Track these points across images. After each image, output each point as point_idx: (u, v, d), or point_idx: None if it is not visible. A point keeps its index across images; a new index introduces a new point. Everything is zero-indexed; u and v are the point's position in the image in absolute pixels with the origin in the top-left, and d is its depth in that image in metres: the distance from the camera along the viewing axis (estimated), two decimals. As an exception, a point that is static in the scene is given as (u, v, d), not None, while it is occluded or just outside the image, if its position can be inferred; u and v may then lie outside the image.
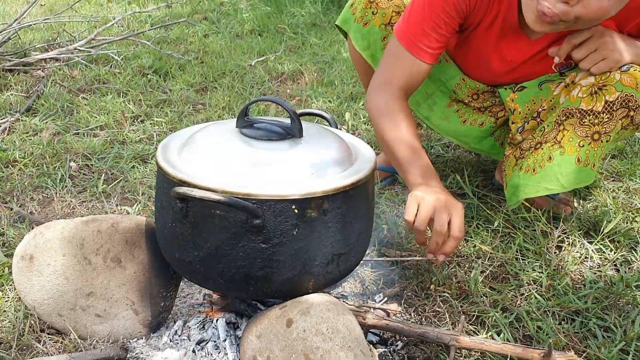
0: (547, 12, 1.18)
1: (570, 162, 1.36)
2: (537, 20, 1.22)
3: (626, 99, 1.30)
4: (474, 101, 1.61)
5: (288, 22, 3.95)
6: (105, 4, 4.54)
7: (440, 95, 1.63)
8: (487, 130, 1.65)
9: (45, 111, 2.36)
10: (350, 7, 1.60)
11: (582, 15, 1.18)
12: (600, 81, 1.32)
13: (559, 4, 1.17)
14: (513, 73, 1.52)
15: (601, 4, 1.16)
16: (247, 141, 1.07)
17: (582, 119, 1.34)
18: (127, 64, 2.95)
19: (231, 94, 2.61)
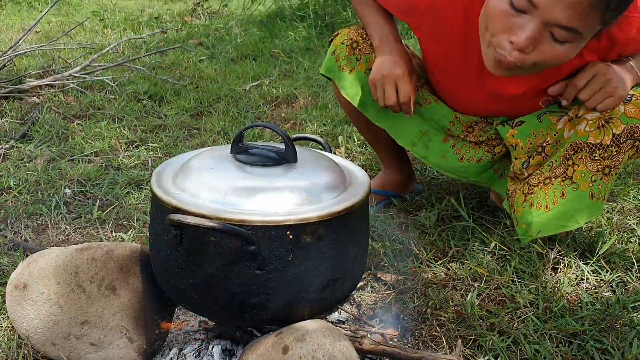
0: (504, 60, 1.19)
1: (585, 198, 1.38)
2: (496, 67, 1.24)
3: (632, 130, 1.32)
4: (470, 134, 1.60)
5: (282, 46, 3.98)
6: (101, 31, 4.57)
7: (434, 132, 1.61)
8: (485, 165, 1.64)
9: (40, 138, 2.36)
10: (332, 55, 1.56)
11: (539, 62, 1.19)
12: (606, 114, 1.34)
13: (514, 52, 1.18)
14: (502, 109, 1.53)
15: (556, 50, 1.17)
16: (241, 167, 1.08)
17: (592, 154, 1.35)
18: (122, 89, 2.96)
19: (226, 118, 2.62)
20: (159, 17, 4.98)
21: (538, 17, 1.12)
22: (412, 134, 1.61)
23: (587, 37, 1.18)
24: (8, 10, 5.87)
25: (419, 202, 1.84)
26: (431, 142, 1.62)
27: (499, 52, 1.19)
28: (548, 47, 1.16)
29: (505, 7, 1.15)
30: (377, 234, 1.63)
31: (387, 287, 1.42)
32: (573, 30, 1.13)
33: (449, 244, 1.58)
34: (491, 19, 1.19)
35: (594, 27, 1.15)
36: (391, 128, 1.60)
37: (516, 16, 1.14)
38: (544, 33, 1.14)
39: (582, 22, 1.12)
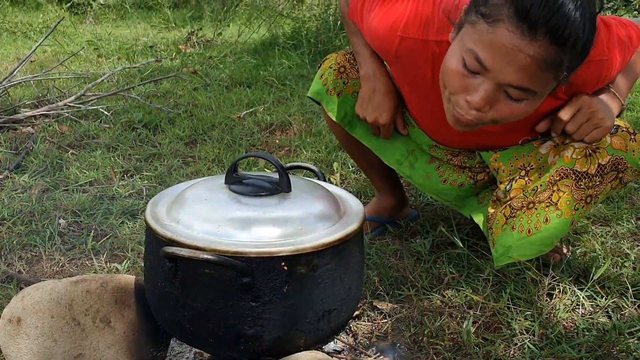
0: (462, 118, 1.20)
1: (567, 224, 1.38)
2: (455, 123, 1.24)
3: (616, 162, 1.34)
4: (454, 158, 1.61)
5: (276, 74, 4.01)
6: (95, 60, 4.60)
7: (420, 153, 1.64)
8: (468, 191, 1.65)
9: (34, 168, 2.36)
10: (320, 79, 1.60)
11: (497, 119, 1.19)
12: (593, 144, 1.35)
13: (472, 111, 1.18)
14: (480, 144, 1.54)
15: (513, 107, 1.16)
16: (235, 198, 1.08)
17: (578, 182, 1.35)
18: (116, 118, 2.97)
19: (220, 146, 2.62)
20: (154, 46, 5.02)
21: (490, 78, 1.13)
22: (398, 153, 1.64)
23: (545, 93, 1.18)
24: (3, 39, 5.90)
25: (414, 229, 1.84)
26: (417, 161, 1.64)
27: (457, 111, 1.21)
28: (504, 106, 1.16)
29: (459, 68, 1.16)
30: (372, 261, 1.63)
31: (383, 315, 1.42)
32: (527, 90, 1.13)
33: (444, 271, 1.58)
34: (447, 78, 1.20)
35: (549, 84, 1.15)
36: (378, 148, 1.63)
37: (470, 77, 1.15)
38: (498, 93, 1.14)
39: (535, 83, 1.12)
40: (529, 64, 1.07)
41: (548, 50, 1.06)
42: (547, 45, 1.05)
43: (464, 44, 1.14)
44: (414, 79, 1.43)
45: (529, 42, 1.05)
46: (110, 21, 7.35)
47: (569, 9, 1.03)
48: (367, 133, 1.62)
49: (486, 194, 1.64)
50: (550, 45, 1.05)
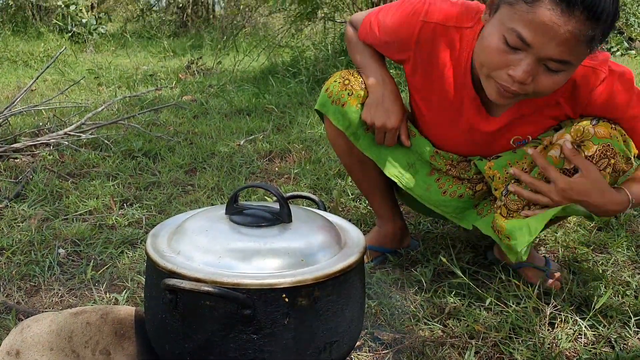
0: (507, 89, 1.30)
1: (569, 206, 1.42)
2: (499, 96, 1.34)
3: (604, 149, 1.38)
4: (452, 169, 1.66)
5: (275, 101, 4.04)
6: (95, 88, 4.63)
7: (420, 165, 1.68)
8: (467, 202, 1.68)
9: (34, 197, 2.36)
10: (325, 92, 1.66)
11: (538, 90, 1.30)
12: (577, 138, 1.40)
13: (515, 84, 1.28)
14: (477, 144, 1.59)
15: (552, 78, 1.28)
16: (236, 228, 1.08)
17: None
18: (116, 147, 2.99)
19: (220, 174, 2.63)
20: (154, 74, 5.06)
21: (532, 54, 1.24)
22: (400, 166, 1.67)
23: (578, 64, 1.30)
24: (4, 68, 5.95)
25: (415, 257, 1.84)
26: (417, 174, 1.68)
27: (501, 84, 1.30)
28: (544, 78, 1.27)
29: (500, 45, 1.26)
30: (373, 291, 1.62)
31: (385, 346, 1.41)
32: (565, 62, 1.24)
33: (445, 301, 1.58)
34: (487, 55, 1.30)
35: (583, 55, 1.27)
36: (380, 159, 1.66)
37: (512, 53, 1.26)
38: (539, 66, 1.25)
39: (573, 55, 1.24)
40: (568, 39, 1.19)
41: (584, 25, 1.19)
42: (584, 20, 1.18)
43: (503, 23, 1.26)
44: (430, 66, 1.52)
45: (568, 19, 1.18)
46: (111, 50, 7.42)
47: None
48: (370, 144, 1.65)
49: (485, 205, 1.68)
50: (587, 20, 1.18)
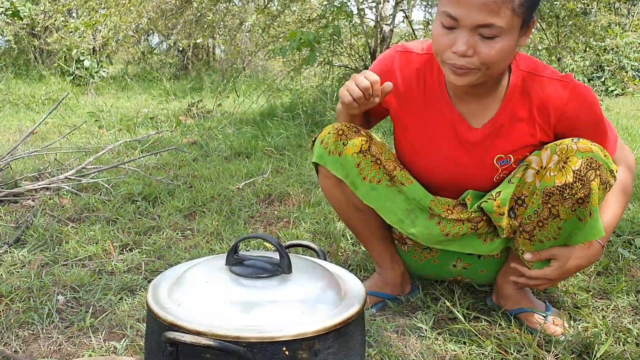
0: (457, 65, 1.42)
1: (575, 222, 1.51)
2: (455, 76, 1.46)
3: (588, 162, 1.45)
4: (452, 214, 1.66)
5: (274, 144, 4.07)
6: (97, 132, 4.67)
7: (419, 211, 1.69)
8: (470, 237, 1.69)
9: (34, 242, 2.37)
10: (321, 144, 1.67)
11: (485, 60, 1.41)
12: (563, 156, 1.48)
13: (460, 58, 1.41)
14: (469, 171, 1.64)
15: (492, 45, 1.39)
16: (236, 280, 1.09)
17: (563, 194, 1.48)
18: (116, 191, 3.00)
19: (219, 218, 2.64)
20: (154, 117, 5.11)
21: (463, 26, 1.38)
22: (399, 212, 1.67)
23: (512, 28, 1.38)
24: (6, 111, 6.01)
25: (415, 303, 1.84)
26: (418, 219, 1.68)
27: (450, 63, 1.43)
28: (484, 46, 1.39)
29: (440, 29, 1.43)
30: (373, 339, 1.61)
31: (385, 395, 1.40)
32: (493, 26, 1.36)
33: (445, 348, 1.57)
34: (435, 43, 1.46)
35: (511, 19, 1.36)
36: (379, 207, 1.67)
37: (450, 33, 1.41)
38: (475, 36, 1.38)
39: (498, 18, 1.35)
40: (486, 3, 1.34)
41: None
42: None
43: (438, 12, 1.44)
44: (409, 90, 1.65)
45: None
46: (112, 92, 7.51)
47: None
48: (369, 192, 1.66)
49: (491, 236, 1.70)
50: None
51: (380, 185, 1.64)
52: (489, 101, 1.59)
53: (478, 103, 1.60)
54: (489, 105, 1.60)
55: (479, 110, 1.61)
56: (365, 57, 5.73)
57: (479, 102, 1.60)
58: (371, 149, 1.64)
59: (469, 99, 1.60)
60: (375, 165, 1.64)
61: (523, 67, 1.58)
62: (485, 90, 1.57)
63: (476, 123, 1.61)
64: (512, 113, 1.57)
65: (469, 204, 1.65)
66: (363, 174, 1.63)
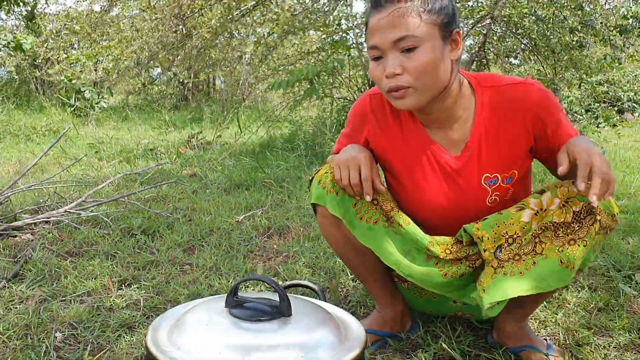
0: (392, 88, 1.47)
1: (555, 263, 1.48)
2: (395, 100, 1.51)
3: (589, 206, 1.45)
4: (449, 254, 1.65)
5: (274, 175, 4.09)
6: (96, 163, 4.68)
7: (416, 252, 1.67)
8: (468, 279, 1.68)
9: (32, 277, 2.36)
10: (319, 184, 1.67)
11: (416, 75, 1.45)
12: (563, 199, 1.48)
13: (391, 80, 1.46)
14: (459, 201, 1.64)
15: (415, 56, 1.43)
16: (236, 323, 1.08)
17: (557, 231, 1.48)
18: (115, 224, 3.00)
19: (218, 252, 2.63)
20: (154, 149, 5.13)
21: (383, 50, 1.46)
22: (397, 253, 1.66)
23: (431, 37, 1.44)
24: (6, 142, 6.03)
25: (415, 341, 1.82)
26: (415, 260, 1.66)
27: (388, 88, 1.48)
28: (409, 60, 1.44)
29: (372, 65, 1.51)
30: (373, 378, 1.60)
31: None
32: (407, 37, 1.43)
33: (446, 388, 1.56)
34: (373, 78, 1.52)
35: (423, 26, 1.43)
36: (377, 247, 1.66)
37: (380, 64, 1.49)
38: (397, 54, 1.45)
39: (407, 29, 1.42)
40: (391, 21, 1.43)
41: (393, 6, 1.43)
42: (391, 5, 1.43)
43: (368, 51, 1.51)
44: (387, 132, 1.68)
45: (380, 11, 1.45)
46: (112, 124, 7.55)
47: None
48: (367, 232, 1.65)
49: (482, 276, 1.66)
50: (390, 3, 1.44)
51: (377, 226, 1.63)
52: (461, 125, 1.61)
53: (450, 129, 1.62)
54: (462, 129, 1.62)
55: (453, 136, 1.63)
56: (364, 89, 5.78)
57: (450, 129, 1.62)
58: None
59: (440, 127, 1.62)
60: (372, 205, 1.64)
61: (485, 84, 1.61)
62: (447, 115, 1.59)
63: (455, 150, 1.63)
64: (486, 130, 1.59)
65: (462, 234, 1.64)
66: (360, 214, 1.63)
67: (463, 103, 1.59)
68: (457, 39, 1.50)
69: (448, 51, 1.48)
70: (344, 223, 1.65)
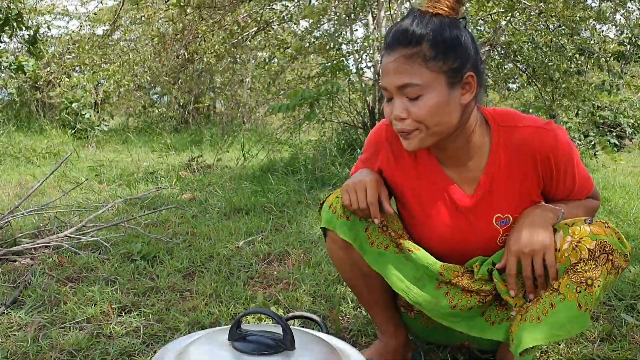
0: (400, 131, 1.51)
1: (573, 307, 1.44)
2: (405, 140, 1.53)
3: (602, 245, 1.43)
4: (461, 280, 1.65)
5: (274, 200, 4.08)
6: (97, 187, 4.69)
7: (428, 279, 1.67)
8: (476, 312, 1.67)
9: (31, 303, 2.35)
10: (329, 209, 1.69)
11: (419, 119, 1.47)
12: (576, 237, 1.46)
13: (398, 122, 1.50)
14: (469, 237, 1.64)
15: (420, 104, 1.45)
16: (239, 357, 1.08)
17: (575, 267, 1.44)
18: (115, 249, 2.99)
19: (218, 278, 2.63)
20: (154, 172, 5.14)
21: (392, 93, 1.49)
22: (407, 280, 1.66)
23: (435, 85, 1.45)
24: (7, 165, 6.04)
25: (416, 372, 1.81)
26: (425, 288, 1.66)
27: (396, 129, 1.52)
28: (413, 106, 1.46)
29: (385, 104, 1.54)
30: (375, 410, 1.59)
31: None
32: (410, 85, 1.45)
33: (449, 420, 1.54)
34: (385, 115, 1.55)
35: (427, 74, 1.44)
36: (387, 273, 1.66)
37: (390, 104, 1.51)
38: (403, 99, 1.47)
39: (410, 76, 1.45)
40: (398, 66, 1.45)
41: (401, 52, 1.45)
42: (400, 49, 1.45)
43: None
44: (402, 162, 1.69)
45: (391, 54, 1.47)
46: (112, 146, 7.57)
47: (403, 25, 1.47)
48: (377, 257, 1.66)
49: (492, 310, 1.68)
50: (400, 47, 1.45)
51: (388, 252, 1.64)
52: (475, 164, 1.62)
53: (465, 167, 1.62)
54: (476, 167, 1.62)
55: (467, 174, 1.63)
56: (364, 114, 5.81)
57: (464, 166, 1.62)
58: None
59: (454, 163, 1.63)
60: (382, 231, 1.64)
61: (501, 123, 1.60)
62: (461, 152, 1.60)
63: (468, 188, 1.63)
64: (500, 171, 1.59)
65: (476, 271, 1.64)
66: (371, 239, 1.64)
67: (478, 141, 1.59)
68: (470, 82, 1.49)
69: (458, 95, 1.48)
70: (355, 247, 1.66)
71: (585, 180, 1.64)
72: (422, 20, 1.47)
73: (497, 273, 1.60)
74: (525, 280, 1.53)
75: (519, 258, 1.52)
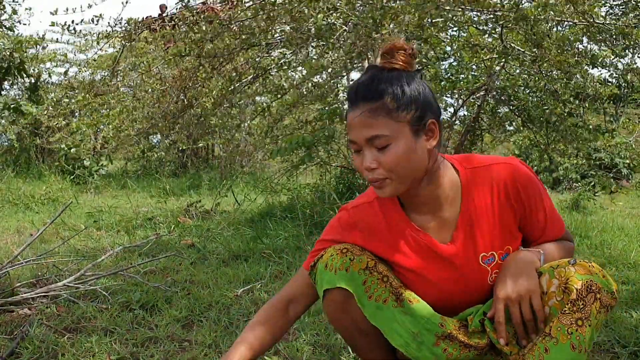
0: (372, 181, 1.55)
1: (567, 349, 1.45)
2: (377, 189, 1.57)
3: (588, 284, 1.46)
4: (460, 334, 1.64)
5: (273, 246, 4.08)
6: (95, 234, 4.68)
7: (426, 335, 1.66)
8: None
9: (29, 355, 2.32)
10: (326, 269, 1.66)
11: (389, 168, 1.52)
12: (562, 280, 1.49)
13: (369, 173, 1.54)
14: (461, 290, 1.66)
15: (389, 153, 1.51)
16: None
17: (563, 308, 1.47)
18: (113, 298, 2.97)
19: (218, 328, 2.61)
20: (153, 218, 5.14)
21: (360, 146, 1.54)
22: (406, 335, 1.65)
23: (401, 134, 1.52)
24: (5, 211, 6.03)
25: None
26: (423, 344, 1.65)
27: (368, 179, 1.56)
28: (382, 156, 1.52)
29: (354, 156, 1.59)
30: None
31: None
32: (378, 137, 1.51)
33: None
34: (355, 167, 1.68)
35: (393, 125, 1.51)
36: (385, 328, 1.65)
37: (359, 156, 1.56)
38: (372, 150, 1.52)
39: (376, 129, 1.51)
40: (364, 120, 1.52)
41: (364, 106, 1.52)
42: (364, 104, 1.52)
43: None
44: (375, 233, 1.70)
45: (354, 109, 1.54)
46: (111, 191, 7.58)
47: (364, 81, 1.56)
48: (375, 311, 1.64)
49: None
50: (363, 102, 1.52)
51: (386, 306, 1.63)
52: (450, 207, 1.65)
53: (441, 210, 1.65)
54: (452, 208, 1.65)
55: (444, 219, 1.66)
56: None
57: (440, 209, 1.65)
58: (377, 267, 1.65)
59: (429, 210, 1.65)
60: (381, 283, 1.64)
61: (467, 166, 1.66)
62: (434, 198, 1.63)
63: (447, 236, 1.66)
64: (476, 210, 1.63)
65: (469, 324, 1.64)
66: (369, 293, 1.63)
67: (448, 184, 1.64)
68: (432, 128, 1.57)
69: (423, 141, 1.55)
70: (354, 302, 1.64)
71: (556, 216, 1.69)
72: (381, 76, 1.55)
73: (489, 322, 1.61)
74: (516, 326, 1.55)
75: (507, 305, 1.55)
